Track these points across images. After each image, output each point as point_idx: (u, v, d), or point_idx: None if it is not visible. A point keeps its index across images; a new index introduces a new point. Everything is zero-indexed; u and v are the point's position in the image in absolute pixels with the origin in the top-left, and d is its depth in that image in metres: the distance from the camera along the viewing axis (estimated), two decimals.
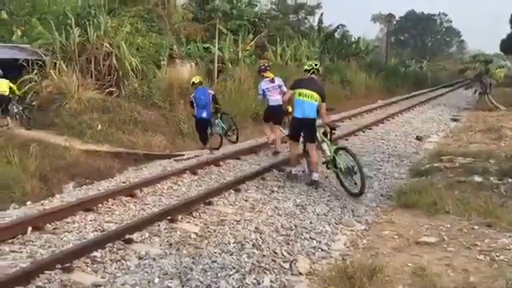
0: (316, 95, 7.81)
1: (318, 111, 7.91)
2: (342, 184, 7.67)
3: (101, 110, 15.57)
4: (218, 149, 11.19)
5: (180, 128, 15.78)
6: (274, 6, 41.43)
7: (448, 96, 28.69)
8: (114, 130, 14.45)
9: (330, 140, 8.00)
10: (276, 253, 5.21)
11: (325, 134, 7.99)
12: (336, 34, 40.43)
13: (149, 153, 12.39)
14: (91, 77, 17.14)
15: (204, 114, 11.14)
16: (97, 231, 5.70)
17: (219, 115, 11.65)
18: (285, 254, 5.20)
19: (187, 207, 6.36)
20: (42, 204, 6.96)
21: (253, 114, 18.50)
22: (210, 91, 11.57)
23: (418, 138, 12.80)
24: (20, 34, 19.36)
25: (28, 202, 8.41)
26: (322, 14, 40.46)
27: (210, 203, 6.68)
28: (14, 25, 20.12)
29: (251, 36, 27.78)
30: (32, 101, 15.42)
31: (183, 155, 11.34)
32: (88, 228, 5.80)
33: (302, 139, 8.27)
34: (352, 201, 7.18)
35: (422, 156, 10.66)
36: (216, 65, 22.90)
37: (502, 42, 63.35)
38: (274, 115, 10.11)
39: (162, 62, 20.18)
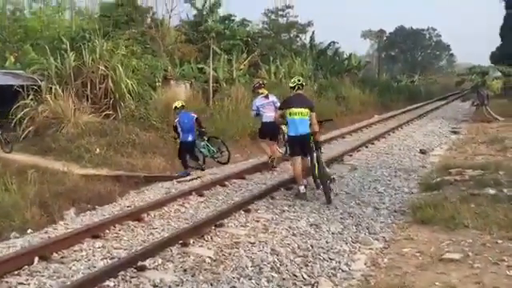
0: (305, 110, 8.04)
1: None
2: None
3: (98, 133, 15.35)
4: (202, 169, 11.47)
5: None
6: (265, 26, 41.75)
7: (444, 109, 28.73)
8: (113, 153, 14.23)
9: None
10: (296, 275, 4.99)
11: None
12: (328, 50, 40.56)
13: (150, 175, 12.14)
14: (87, 100, 16.97)
15: (189, 138, 11.40)
16: (106, 259, 5.45)
17: (205, 138, 11.91)
18: (305, 276, 4.97)
19: (198, 230, 6.12)
20: (45, 232, 6.72)
21: (251, 133, 18.36)
22: (193, 114, 11.75)
23: (422, 152, 12.66)
24: (13, 60, 19.23)
25: (29, 230, 8.18)
26: (313, 32, 40.70)
27: (221, 225, 6.45)
28: (6, 51, 20.01)
29: (245, 55, 27.81)
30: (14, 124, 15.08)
31: (186, 175, 11.15)
32: (97, 256, 5.55)
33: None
34: (366, 218, 6.97)
35: (429, 169, 10.49)
36: (211, 85, 22.82)
37: (492, 54, 63.99)
38: (269, 131, 10.28)
39: (157, 84, 20.07)
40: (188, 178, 10.42)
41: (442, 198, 7.48)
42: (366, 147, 13.33)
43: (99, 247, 5.82)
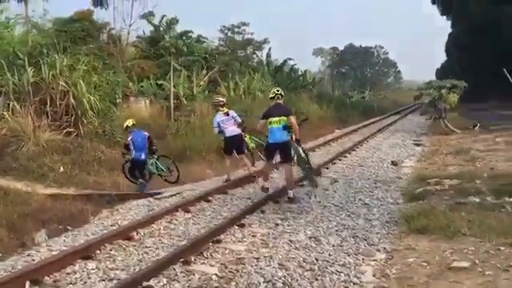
0: (283, 118, 8.53)
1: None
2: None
3: (61, 151, 14.69)
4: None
5: None
6: (221, 42, 41.87)
7: (401, 123, 29.47)
8: (78, 171, 13.60)
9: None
10: None
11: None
12: (284, 67, 40.98)
13: (122, 193, 11.67)
14: (47, 117, 16.28)
15: (142, 156, 11.33)
16: (104, 280, 5.12)
17: (155, 156, 11.91)
18: None
19: (196, 247, 5.86)
20: (28, 255, 6.24)
21: (217, 148, 18.15)
22: (145, 133, 11.75)
23: (394, 163, 12.83)
24: None
25: None
26: (269, 49, 41.13)
27: (218, 241, 6.21)
28: None
29: (204, 72, 27.68)
30: None
31: (160, 193, 10.78)
32: (93, 278, 5.20)
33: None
34: (361, 229, 6.91)
35: (405, 180, 10.65)
36: (172, 101, 22.46)
37: (437, 71, 66.57)
38: (234, 145, 10.61)
39: (117, 100, 19.54)
40: (167, 194, 10.09)
41: (429, 208, 7.53)
42: (340, 160, 13.39)
43: (93, 269, 5.46)
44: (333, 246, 6.20)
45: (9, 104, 15.19)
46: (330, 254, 5.87)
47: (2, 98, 15.42)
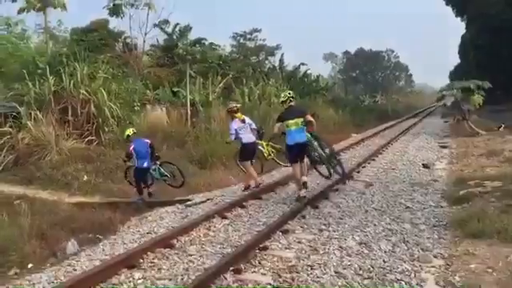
0: (299, 120, 8.77)
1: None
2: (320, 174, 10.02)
3: (84, 159, 14.56)
4: (152, 195, 11.48)
5: None
6: (234, 49, 41.75)
7: (420, 126, 29.05)
8: (102, 179, 13.44)
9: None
10: None
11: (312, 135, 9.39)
12: (297, 72, 40.71)
13: (150, 200, 11.46)
14: (68, 126, 16.17)
15: (145, 164, 11.28)
16: None
17: (158, 163, 11.90)
18: None
19: (243, 255, 5.58)
20: (69, 265, 5.99)
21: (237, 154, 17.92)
22: (146, 140, 11.73)
23: (425, 166, 12.48)
24: None
25: (30, 265, 7.53)
26: (282, 55, 40.91)
27: (264, 248, 5.92)
28: None
29: (219, 78, 27.50)
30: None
31: (189, 200, 10.55)
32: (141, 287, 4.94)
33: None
34: (410, 234, 6.59)
35: (442, 183, 10.31)
36: (189, 108, 22.24)
37: (451, 73, 65.90)
38: (250, 152, 10.52)
39: (135, 108, 19.39)
40: (197, 200, 9.84)
41: (479, 211, 7.18)
42: (369, 163, 13.08)
43: (140, 278, 5.21)
44: (385, 252, 5.89)
45: (31, 113, 15.06)
46: (384, 261, 5.56)
47: (24, 108, 15.29)
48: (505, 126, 20.86)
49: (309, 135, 9.22)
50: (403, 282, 4.97)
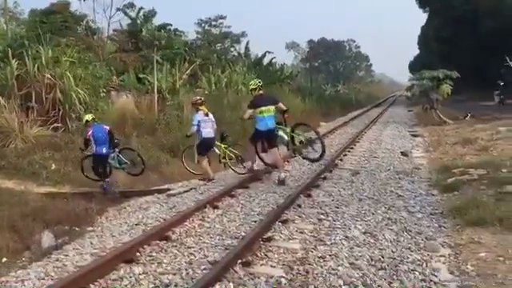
0: (271, 107, 9.28)
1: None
2: (304, 157, 10.01)
3: (51, 147, 13.86)
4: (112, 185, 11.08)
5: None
6: (199, 36, 41.00)
7: (387, 115, 29.40)
8: (71, 168, 12.81)
9: (285, 124, 9.71)
10: None
11: (279, 123, 9.56)
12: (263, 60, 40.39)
13: (126, 190, 11.01)
14: (32, 112, 15.36)
15: (104, 150, 11.02)
16: (159, 287, 4.53)
17: (117, 150, 11.56)
18: None
19: (248, 247, 5.30)
20: (57, 260, 5.56)
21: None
22: (105, 127, 11.42)
23: (404, 154, 12.51)
24: None
25: (3, 259, 7.05)
26: (247, 42, 40.52)
27: (269, 239, 5.67)
28: None
29: (186, 65, 26.89)
30: None
31: (168, 189, 10.18)
32: (145, 284, 4.60)
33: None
34: (410, 223, 6.47)
35: (425, 171, 10.30)
36: (156, 95, 21.63)
37: (411, 63, 67.14)
38: (209, 146, 10.57)
39: (101, 94, 18.62)
40: (181, 189, 9.50)
41: (472, 199, 7.16)
42: (349, 151, 13.03)
43: (141, 273, 4.85)
44: (390, 241, 5.73)
45: None
46: (392, 251, 5.40)
47: None
48: (471, 116, 21.28)
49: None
50: (417, 273, 4.81)
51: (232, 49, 41.52)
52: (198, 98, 11.33)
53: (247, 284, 4.49)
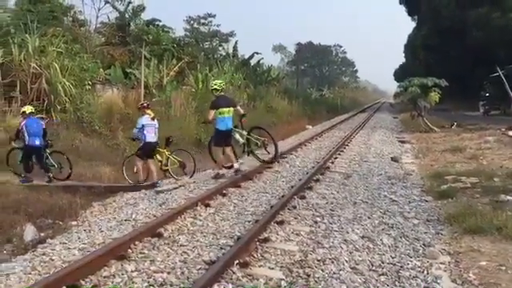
0: (231, 109, 9.73)
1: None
2: (258, 159, 10.37)
3: None
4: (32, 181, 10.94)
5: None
6: (187, 33, 40.66)
7: (373, 121, 29.43)
8: None
9: (242, 127, 10.13)
10: None
11: (235, 126, 10.00)
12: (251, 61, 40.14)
13: (112, 185, 10.74)
14: (16, 102, 14.98)
15: (37, 142, 10.99)
16: (152, 286, 4.31)
17: (47, 151, 11.48)
18: None
19: (244, 248, 5.11)
20: (44, 254, 5.31)
21: (195, 140, 17.37)
22: (42, 122, 11.48)
23: (394, 160, 12.43)
24: None
25: None
26: (236, 42, 40.24)
27: (265, 240, 5.49)
28: None
29: (174, 62, 26.59)
30: None
31: (155, 185, 9.95)
32: (138, 282, 4.38)
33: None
34: (406, 228, 6.35)
35: (416, 177, 10.23)
36: (143, 90, 21.32)
37: (396, 71, 67.56)
38: (151, 150, 10.61)
39: (87, 87, 18.24)
40: (170, 186, 9.27)
41: (467, 206, 7.08)
42: (339, 154, 12.91)
43: (133, 271, 4.64)
44: (389, 246, 5.60)
45: None
46: (392, 256, 5.27)
47: None
48: (457, 125, 21.40)
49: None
50: (419, 280, 4.68)
51: (220, 48, 41.15)
52: (145, 102, 11.64)
53: (246, 286, 4.30)
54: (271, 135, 10.47)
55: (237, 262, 4.73)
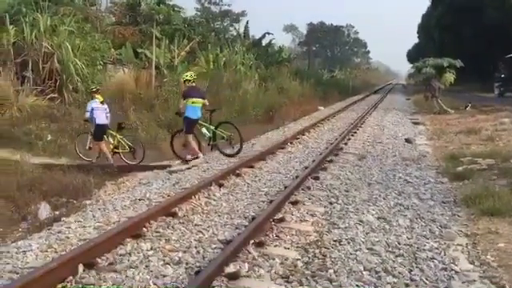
0: (202, 100, 10.17)
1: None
2: (222, 152, 10.42)
3: (48, 118, 13.62)
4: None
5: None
6: (198, 13, 40.34)
7: (386, 102, 29.21)
8: (68, 140, 12.56)
9: (210, 121, 10.55)
10: (415, 280, 4.17)
11: (204, 121, 10.48)
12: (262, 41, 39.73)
13: (123, 164, 10.78)
14: (28, 82, 14.99)
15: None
16: (169, 264, 4.31)
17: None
18: (426, 281, 4.16)
19: (259, 227, 5.09)
20: (59, 232, 5.32)
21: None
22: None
23: (408, 141, 12.32)
24: None
25: None
26: (247, 22, 39.86)
27: (280, 220, 5.46)
28: None
29: (186, 42, 26.41)
30: None
31: (168, 166, 9.97)
32: (154, 261, 4.37)
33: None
34: (422, 210, 6.28)
35: (432, 158, 10.13)
36: (154, 71, 21.21)
37: (409, 52, 66.69)
38: (104, 132, 11.27)
39: (99, 67, 18.18)
40: (183, 167, 9.27)
41: (484, 188, 6.98)
42: (352, 136, 12.82)
43: (149, 249, 4.64)
44: (405, 228, 5.54)
45: None
46: (408, 238, 5.22)
47: None
48: (471, 106, 21.13)
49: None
50: (436, 261, 4.63)
51: (231, 28, 40.83)
52: (94, 87, 12.22)
53: (262, 265, 4.28)
54: (239, 130, 10.49)
55: (252, 241, 4.71)
